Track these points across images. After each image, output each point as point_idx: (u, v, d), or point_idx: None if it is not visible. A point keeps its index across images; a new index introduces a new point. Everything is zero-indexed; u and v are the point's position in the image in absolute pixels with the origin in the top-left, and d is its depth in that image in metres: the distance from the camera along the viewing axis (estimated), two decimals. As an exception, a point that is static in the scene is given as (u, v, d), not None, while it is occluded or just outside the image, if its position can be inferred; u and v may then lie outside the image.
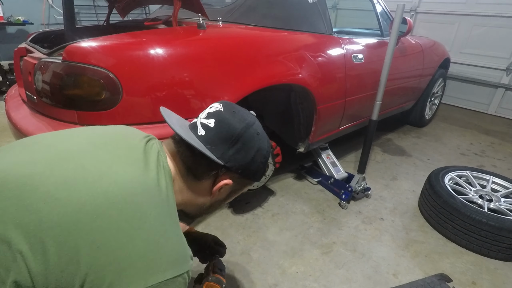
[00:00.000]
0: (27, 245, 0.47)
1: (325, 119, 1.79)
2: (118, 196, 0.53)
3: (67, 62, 1.03)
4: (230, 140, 0.68)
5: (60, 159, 0.57)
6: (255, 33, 1.52)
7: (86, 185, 0.53)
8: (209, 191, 0.73)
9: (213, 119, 0.69)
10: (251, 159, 0.71)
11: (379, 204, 1.94)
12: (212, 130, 0.68)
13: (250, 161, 0.71)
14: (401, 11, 1.52)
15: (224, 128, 0.68)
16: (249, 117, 0.72)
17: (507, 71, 3.64)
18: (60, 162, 0.57)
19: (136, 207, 0.54)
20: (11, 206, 0.49)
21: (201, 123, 0.70)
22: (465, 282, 1.39)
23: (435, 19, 4.08)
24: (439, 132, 3.23)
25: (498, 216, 1.50)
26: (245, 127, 0.69)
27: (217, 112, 0.70)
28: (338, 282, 1.36)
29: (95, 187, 0.53)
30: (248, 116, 0.73)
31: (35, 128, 1.11)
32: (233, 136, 0.68)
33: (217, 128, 0.68)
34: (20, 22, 3.68)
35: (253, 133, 0.70)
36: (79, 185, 0.53)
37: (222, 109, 0.71)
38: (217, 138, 0.67)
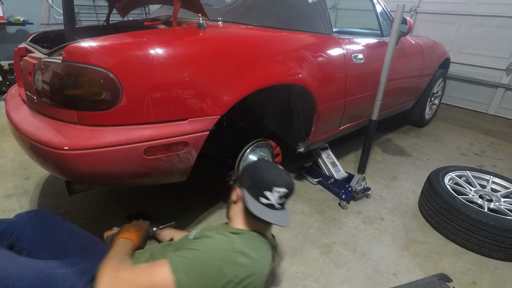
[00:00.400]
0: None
1: (325, 119, 1.79)
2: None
3: (67, 62, 1.03)
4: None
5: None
6: (255, 33, 1.52)
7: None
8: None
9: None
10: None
11: (379, 204, 1.94)
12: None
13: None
14: (401, 11, 1.52)
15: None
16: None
17: (507, 71, 3.64)
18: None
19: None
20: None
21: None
22: (465, 282, 1.39)
23: (435, 19, 4.09)
24: (439, 132, 3.23)
25: (498, 216, 1.50)
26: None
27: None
28: (338, 282, 1.36)
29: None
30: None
31: (35, 128, 1.11)
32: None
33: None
34: (20, 22, 3.68)
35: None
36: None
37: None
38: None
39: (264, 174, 1.06)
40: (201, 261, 0.86)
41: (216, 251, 0.89)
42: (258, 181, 1.05)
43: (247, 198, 1.03)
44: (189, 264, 0.84)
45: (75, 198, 1.81)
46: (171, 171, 1.23)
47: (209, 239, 0.94)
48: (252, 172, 1.09)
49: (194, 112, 1.19)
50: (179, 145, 1.18)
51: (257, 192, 1.04)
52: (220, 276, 0.85)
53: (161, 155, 1.15)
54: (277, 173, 1.07)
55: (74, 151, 1.02)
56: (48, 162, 1.09)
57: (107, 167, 1.08)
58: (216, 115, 1.24)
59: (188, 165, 1.26)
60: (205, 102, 1.20)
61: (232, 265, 0.88)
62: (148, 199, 1.85)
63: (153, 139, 1.11)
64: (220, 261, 0.87)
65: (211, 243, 0.92)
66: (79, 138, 1.04)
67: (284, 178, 1.07)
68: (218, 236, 0.95)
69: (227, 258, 0.88)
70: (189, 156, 1.23)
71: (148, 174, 1.19)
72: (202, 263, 0.85)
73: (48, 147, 1.03)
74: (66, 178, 1.20)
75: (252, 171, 1.09)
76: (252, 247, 0.96)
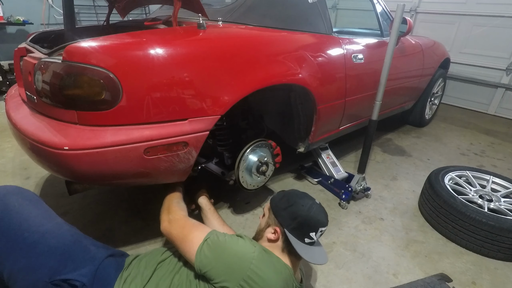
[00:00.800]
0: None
1: (325, 119, 1.79)
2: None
3: (67, 62, 1.03)
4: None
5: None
6: (255, 33, 1.52)
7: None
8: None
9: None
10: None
11: (379, 204, 1.94)
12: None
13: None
14: (401, 11, 1.52)
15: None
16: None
17: (507, 71, 3.64)
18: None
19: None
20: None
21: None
22: (465, 282, 1.39)
23: (435, 19, 4.09)
24: (439, 132, 3.23)
25: (498, 216, 1.50)
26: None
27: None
28: (338, 282, 1.36)
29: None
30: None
31: (35, 128, 1.11)
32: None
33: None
34: (20, 22, 3.68)
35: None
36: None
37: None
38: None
39: (310, 215, 1.02)
40: (225, 246, 0.94)
41: (240, 251, 0.93)
42: (304, 223, 1.02)
43: (292, 240, 1.00)
44: (216, 243, 0.94)
45: (75, 198, 1.81)
46: (171, 171, 1.23)
47: (243, 240, 0.98)
48: (295, 212, 1.03)
49: (194, 112, 1.19)
50: (179, 145, 1.18)
51: (302, 233, 1.02)
52: (231, 270, 0.89)
53: (161, 155, 1.15)
54: (319, 210, 1.06)
55: (74, 151, 1.02)
56: (48, 162, 1.10)
57: (107, 167, 1.08)
58: (216, 115, 1.24)
59: (188, 165, 1.26)
60: (205, 102, 1.20)
61: (244, 270, 0.88)
62: (148, 199, 1.86)
63: (153, 139, 1.11)
64: (237, 259, 0.91)
65: (242, 243, 0.97)
66: (79, 138, 1.04)
67: (325, 214, 1.07)
68: (251, 244, 0.97)
69: (245, 261, 0.90)
70: (189, 156, 1.23)
71: (148, 174, 1.19)
72: (225, 249, 0.93)
73: (48, 147, 1.03)
74: (66, 178, 1.20)
75: (295, 212, 1.03)
76: (271, 268, 0.93)
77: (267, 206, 1.13)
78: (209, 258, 0.91)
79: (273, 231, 1.04)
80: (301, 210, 1.03)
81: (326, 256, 1.08)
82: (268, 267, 0.92)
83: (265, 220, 1.11)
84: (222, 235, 0.98)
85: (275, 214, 1.07)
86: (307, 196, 1.11)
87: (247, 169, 1.59)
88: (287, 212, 1.04)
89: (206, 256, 0.91)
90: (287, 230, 1.02)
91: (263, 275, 0.88)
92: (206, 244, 0.94)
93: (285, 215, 1.04)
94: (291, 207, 1.05)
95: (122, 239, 1.53)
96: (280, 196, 1.12)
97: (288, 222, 1.03)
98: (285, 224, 1.03)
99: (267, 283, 0.88)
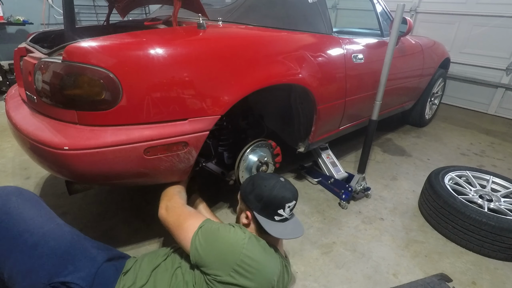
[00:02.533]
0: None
1: (325, 119, 1.79)
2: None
3: (67, 62, 1.03)
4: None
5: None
6: (255, 33, 1.52)
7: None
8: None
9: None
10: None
11: (379, 204, 1.94)
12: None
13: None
14: (401, 11, 1.52)
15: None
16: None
17: (507, 71, 3.64)
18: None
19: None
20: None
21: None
22: (465, 282, 1.39)
23: (435, 19, 4.08)
24: (439, 132, 3.23)
25: (498, 216, 1.50)
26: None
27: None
28: (338, 282, 1.36)
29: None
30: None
31: (35, 128, 1.11)
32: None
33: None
34: (20, 22, 3.68)
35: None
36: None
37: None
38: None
39: (273, 194, 1.07)
40: (218, 234, 0.98)
41: (232, 238, 0.98)
42: (269, 203, 1.07)
43: (261, 220, 1.06)
44: (210, 231, 0.99)
45: (75, 198, 1.81)
46: (171, 171, 1.23)
47: (234, 229, 1.02)
48: (259, 194, 1.08)
49: (194, 112, 1.19)
50: (179, 145, 1.18)
51: (270, 213, 1.07)
52: (224, 257, 0.94)
53: (161, 155, 1.15)
54: (283, 188, 1.09)
55: (74, 151, 1.02)
56: (48, 162, 1.10)
57: (107, 167, 1.08)
58: (216, 115, 1.24)
59: (188, 165, 1.26)
60: (205, 102, 1.20)
61: (237, 255, 0.93)
62: (148, 199, 1.86)
63: (153, 139, 1.11)
64: (230, 245, 0.95)
65: (233, 230, 1.00)
66: (79, 138, 1.04)
67: (291, 190, 1.10)
68: (241, 231, 1.02)
69: (237, 246, 0.95)
70: (189, 156, 1.23)
71: (148, 174, 1.19)
72: (218, 236, 0.97)
73: (48, 147, 1.03)
74: (66, 178, 1.20)
75: (259, 194, 1.08)
76: (262, 252, 0.99)
77: (238, 194, 1.20)
78: (203, 246, 0.95)
79: (245, 216, 1.11)
80: (264, 190, 1.08)
81: (301, 229, 1.12)
82: (259, 250, 0.98)
83: (238, 207, 1.19)
84: (216, 223, 1.03)
85: (244, 199, 1.13)
86: (272, 176, 1.15)
87: (247, 169, 1.59)
88: (253, 195, 1.10)
89: (200, 244, 0.95)
90: (255, 212, 1.08)
91: (255, 257, 0.94)
92: (200, 232, 0.98)
93: (251, 198, 1.10)
94: (255, 189, 1.10)
95: (122, 239, 1.53)
96: (246, 182, 1.18)
97: (255, 204, 1.08)
98: (253, 207, 1.09)
99: (261, 264, 0.94)
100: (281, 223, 1.08)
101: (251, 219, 1.10)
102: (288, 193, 1.09)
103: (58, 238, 0.92)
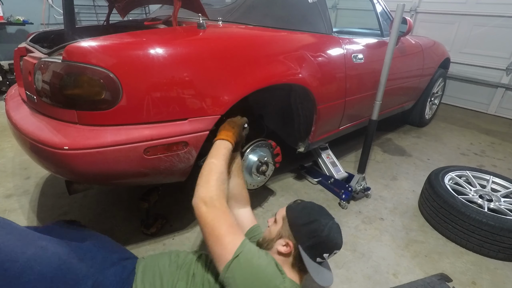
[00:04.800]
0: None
1: (325, 119, 1.79)
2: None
3: (67, 62, 1.03)
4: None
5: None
6: (255, 33, 1.52)
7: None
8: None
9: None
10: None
11: (379, 204, 1.94)
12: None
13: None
14: (401, 11, 1.52)
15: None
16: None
17: (507, 71, 3.64)
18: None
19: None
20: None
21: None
22: (465, 282, 1.39)
23: (435, 19, 4.09)
24: (439, 132, 3.23)
25: (498, 216, 1.50)
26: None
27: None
28: (338, 282, 1.36)
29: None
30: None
31: (35, 128, 1.11)
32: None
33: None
34: (20, 22, 3.68)
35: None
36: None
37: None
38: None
39: (329, 237, 0.96)
40: (256, 270, 0.89)
41: (270, 279, 0.89)
42: (322, 244, 0.96)
43: (305, 259, 0.95)
44: (248, 263, 0.88)
45: (75, 198, 1.81)
46: (171, 171, 1.23)
47: (272, 265, 0.93)
48: (315, 231, 0.97)
49: (194, 112, 1.19)
50: (179, 145, 1.18)
51: (317, 253, 0.96)
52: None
53: (161, 155, 1.15)
54: (338, 232, 1.00)
55: (74, 151, 1.02)
56: (48, 162, 1.10)
57: (107, 167, 1.08)
58: (216, 115, 1.24)
59: (188, 165, 1.26)
60: (205, 102, 1.20)
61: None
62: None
63: (153, 139, 1.12)
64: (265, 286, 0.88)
65: (272, 269, 0.92)
66: (79, 138, 1.04)
67: (341, 237, 1.01)
68: (279, 272, 0.93)
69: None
70: (189, 156, 1.23)
71: (148, 174, 1.19)
72: (254, 272, 0.88)
73: (48, 146, 1.03)
74: (66, 178, 1.20)
75: (315, 230, 0.97)
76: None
77: (281, 214, 1.05)
78: (236, 276, 0.87)
79: (284, 244, 0.98)
80: (321, 229, 0.96)
81: (332, 276, 1.03)
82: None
83: (278, 230, 1.02)
84: (256, 253, 0.92)
85: (292, 227, 0.99)
86: (327, 213, 1.05)
87: (247, 168, 1.59)
88: (306, 229, 0.97)
89: (236, 272, 0.87)
90: (301, 247, 0.95)
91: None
92: (237, 261, 0.88)
93: (303, 231, 0.97)
94: (312, 224, 0.98)
95: (122, 239, 1.53)
96: (299, 209, 1.04)
97: (305, 239, 0.96)
98: (300, 240, 0.96)
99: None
100: (319, 265, 0.98)
101: (292, 251, 0.97)
102: (341, 239, 1.00)
103: (43, 263, 0.84)
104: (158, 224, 1.57)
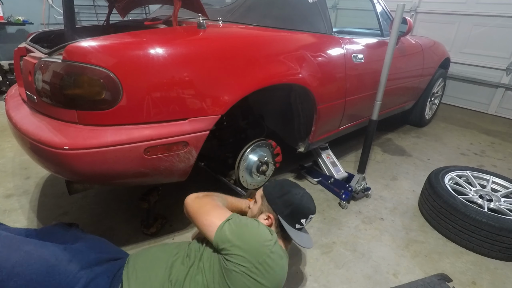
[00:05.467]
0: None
1: (325, 119, 1.79)
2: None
3: (67, 62, 1.03)
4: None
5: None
6: (255, 33, 1.52)
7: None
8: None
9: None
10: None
11: (379, 204, 1.94)
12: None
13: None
14: (401, 11, 1.52)
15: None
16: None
17: (507, 71, 3.64)
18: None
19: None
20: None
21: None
22: (465, 282, 1.39)
23: (435, 19, 4.09)
24: (439, 132, 3.23)
25: (498, 216, 1.50)
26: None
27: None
28: (338, 282, 1.36)
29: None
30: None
31: (35, 128, 1.11)
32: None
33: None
34: (20, 22, 3.68)
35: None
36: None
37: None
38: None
39: (302, 204, 1.12)
40: (246, 228, 0.98)
41: (261, 236, 0.98)
42: (296, 211, 1.10)
43: (285, 226, 1.08)
44: (238, 224, 0.98)
45: (75, 198, 1.81)
46: (171, 171, 1.23)
47: (262, 227, 1.02)
48: (289, 200, 1.11)
49: (194, 112, 1.19)
50: (179, 144, 1.18)
51: (295, 220, 1.10)
52: (249, 252, 0.93)
53: (161, 155, 1.16)
54: (310, 199, 1.16)
55: (74, 151, 1.02)
56: (48, 161, 1.10)
57: (107, 166, 1.09)
58: (216, 114, 1.24)
59: (188, 165, 1.26)
60: (205, 102, 1.20)
61: (262, 254, 0.94)
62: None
63: (153, 138, 1.12)
64: (257, 243, 0.95)
65: (262, 229, 1.01)
66: (79, 138, 1.04)
67: (314, 203, 1.17)
68: (269, 232, 1.01)
69: (263, 247, 0.95)
70: (189, 156, 1.23)
71: (148, 173, 1.19)
72: (246, 229, 0.97)
73: (48, 146, 1.03)
74: (66, 177, 1.20)
75: (289, 200, 1.11)
76: (282, 256, 1.01)
77: (259, 193, 1.19)
78: (230, 236, 0.94)
79: (266, 218, 1.11)
80: (294, 198, 1.11)
81: (311, 240, 1.21)
82: (280, 255, 0.98)
83: (258, 207, 1.16)
84: (244, 218, 1.03)
85: (269, 201, 1.13)
86: (299, 186, 1.20)
87: (247, 168, 1.59)
88: (281, 200, 1.11)
89: (228, 232, 0.95)
90: (280, 217, 1.09)
91: (277, 261, 0.95)
92: (228, 223, 0.97)
93: (279, 202, 1.11)
94: (285, 195, 1.12)
95: (122, 239, 1.53)
96: (273, 185, 1.18)
97: (282, 209, 1.10)
98: (278, 211, 1.10)
99: (278, 267, 0.96)
100: (298, 231, 1.12)
101: (274, 222, 1.10)
102: (313, 205, 1.16)
103: (29, 268, 0.84)
104: (158, 224, 1.57)
